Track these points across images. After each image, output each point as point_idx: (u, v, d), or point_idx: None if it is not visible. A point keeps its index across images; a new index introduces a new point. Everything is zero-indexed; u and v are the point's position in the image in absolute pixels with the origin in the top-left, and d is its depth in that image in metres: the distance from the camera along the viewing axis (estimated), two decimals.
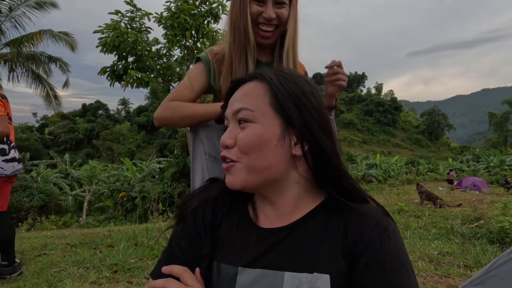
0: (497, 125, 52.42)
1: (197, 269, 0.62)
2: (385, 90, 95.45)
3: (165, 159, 21.80)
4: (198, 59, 1.12)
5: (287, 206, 0.62)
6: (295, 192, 0.62)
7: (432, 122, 73.73)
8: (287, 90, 0.60)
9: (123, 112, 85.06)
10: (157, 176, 16.12)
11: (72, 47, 11.95)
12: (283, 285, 0.54)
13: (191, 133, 1.10)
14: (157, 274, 0.62)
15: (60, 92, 13.20)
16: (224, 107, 0.68)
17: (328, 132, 0.61)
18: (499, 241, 3.94)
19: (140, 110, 70.72)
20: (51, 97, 12.67)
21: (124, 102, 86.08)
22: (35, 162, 25.20)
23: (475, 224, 5.00)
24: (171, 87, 7.62)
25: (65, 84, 13.17)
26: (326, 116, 0.62)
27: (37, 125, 70.94)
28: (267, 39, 1.05)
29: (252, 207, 0.67)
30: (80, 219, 11.53)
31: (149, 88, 7.19)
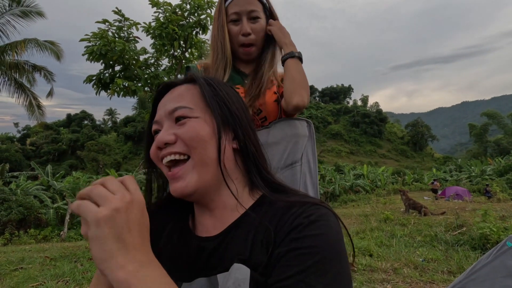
0: (477, 136, 54.41)
1: None
2: (370, 102, 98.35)
3: None
4: (188, 69, 1.19)
5: (223, 210, 0.62)
6: (233, 190, 0.61)
7: (416, 133, 75.80)
8: (218, 91, 0.63)
9: (109, 122, 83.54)
10: (143, 188, 15.77)
11: (58, 56, 11.76)
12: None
13: None
14: None
15: (44, 101, 12.90)
16: (152, 114, 0.67)
17: (254, 133, 0.66)
18: (480, 247, 4.04)
19: (128, 120, 69.70)
20: (34, 106, 12.34)
21: (110, 113, 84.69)
22: (15, 173, 24.26)
23: (458, 231, 5.12)
24: None
25: (50, 94, 12.86)
26: (250, 118, 0.68)
27: (18, 135, 68.70)
28: (250, 55, 1.15)
29: (192, 216, 0.68)
30: (62, 233, 11.08)
31: (136, 98, 7.11)
